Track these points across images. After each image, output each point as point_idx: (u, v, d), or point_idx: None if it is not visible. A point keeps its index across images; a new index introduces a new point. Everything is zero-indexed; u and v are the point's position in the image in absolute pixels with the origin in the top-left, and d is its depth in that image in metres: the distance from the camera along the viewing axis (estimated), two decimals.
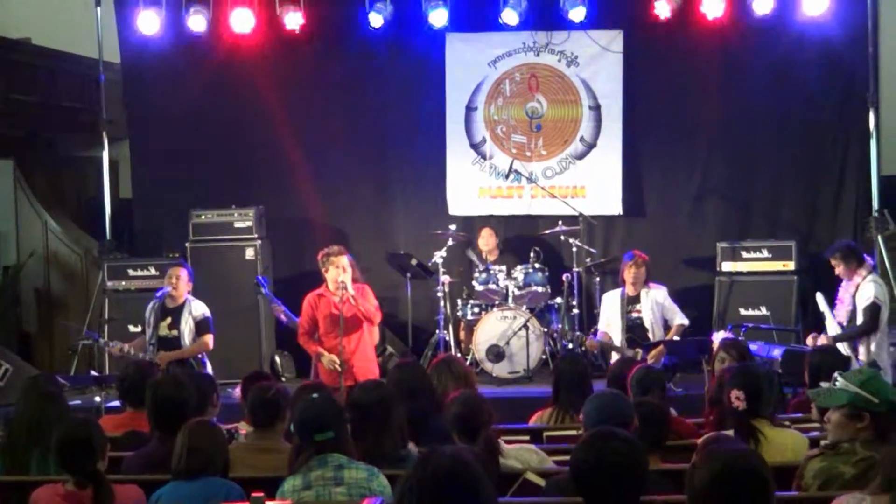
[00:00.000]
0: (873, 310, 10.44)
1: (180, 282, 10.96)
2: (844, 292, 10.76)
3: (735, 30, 13.71)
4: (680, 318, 11.72)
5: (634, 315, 11.65)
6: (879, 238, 12.61)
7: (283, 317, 11.60)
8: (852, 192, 13.89)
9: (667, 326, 11.74)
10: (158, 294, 11.04)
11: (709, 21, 13.41)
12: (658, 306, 11.67)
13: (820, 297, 10.94)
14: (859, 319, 10.52)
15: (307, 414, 5.54)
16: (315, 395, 5.71)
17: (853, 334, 10.45)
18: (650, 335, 11.56)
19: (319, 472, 5.39)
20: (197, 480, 5.59)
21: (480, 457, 5.72)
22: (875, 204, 13.08)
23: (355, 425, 5.81)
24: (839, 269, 10.75)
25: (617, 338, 11.59)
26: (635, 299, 11.69)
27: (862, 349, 10.50)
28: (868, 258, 11.10)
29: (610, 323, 11.76)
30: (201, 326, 10.96)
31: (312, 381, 9.62)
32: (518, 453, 6.24)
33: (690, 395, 10.30)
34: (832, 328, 10.72)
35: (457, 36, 14.35)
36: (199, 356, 10.98)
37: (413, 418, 6.78)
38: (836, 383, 5.27)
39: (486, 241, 13.76)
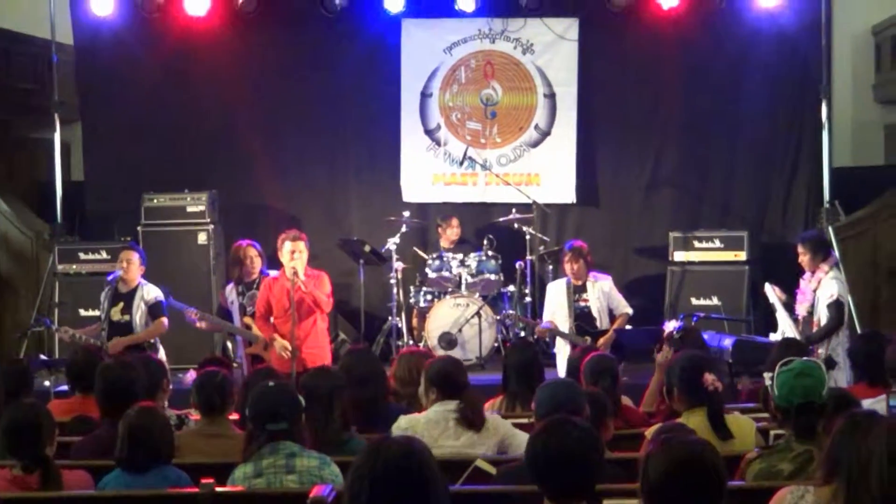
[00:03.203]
0: (838, 307, 10.36)
1: (131, 265, 10.83)
2: (806, 285, 10.69)
3: (690, 20, 13.78)
4: (624, 308, 11.75)
5: (582, 304, 11.65)
6: (830, 229, 12.70)
7: (195, 318, 11.15)
8: (804, 184, 14.02)
9: (612, 315, 11.77)
10: (110, 278, 10.95)
11: (664, 11, 13.50)
12: (605, 296, 11.69)
13: (769, 289, 10.90)
14: (822, 316, 10.45)
15: (261, 403, 5.53)
16: (271, 384, 5.69)
17: (822, 334, 10.37)
18: (598, 323, 11.60)
19: (271, 460, 5.39)
20: (147, 473, 5.56)
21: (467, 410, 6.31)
22: (826, 195, 13.19)
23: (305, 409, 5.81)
24: (804, 259, 10.61)
25: (563, 326, 11.61)
26: (581, 288, 11.69)
27: (821, 344, 10.47)
28: (833, 252, 11.09)
29: (555, 312, 11.73)
30: (155, 310, 10.83)
31: (264, 367, 9.58)
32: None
33: (640, 385, 10.31)
34: (783, 321, 10.70)
35: (413, 22, 14.33)
36: (153, 340, 10.89)
37: (363, 405, 6.81)
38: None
39: (455, 231, 13.74)
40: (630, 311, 11.75)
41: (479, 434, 6.27)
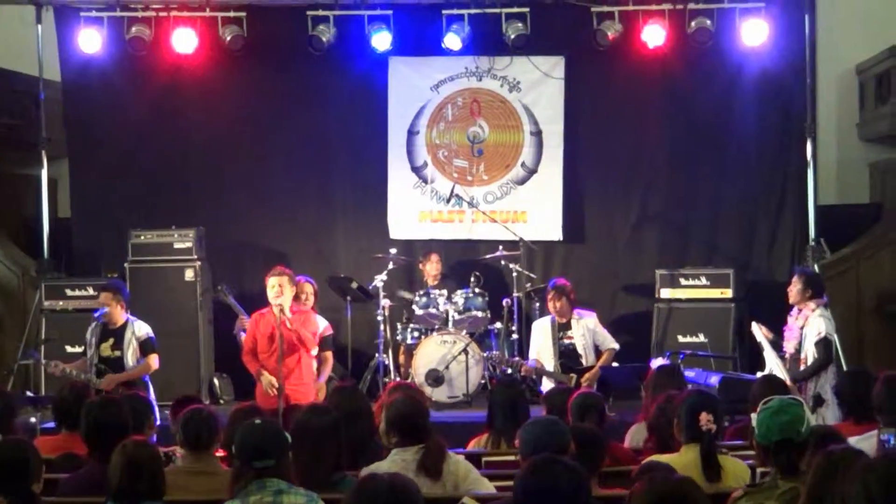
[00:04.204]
0: (826, 344, 10.33)
1: (108, 308, 10.75)
2: (793, 322, 10.66)
3: (676, 58, 13.81)
4: (610, 343, 11.84)
5: (566, 341, 11.73)
6: (816, 267, 12.73)
7: (241, 328, 11.41)
8: (790, 221, 14.05)
9: (598, 351, 11.82)
10: (97, 314, 10.92)
11: (650, 49, 13.49)
12: (590, 332, 11.77)
13: (755, 328, 10.88)
14: (809, 354, 10.42)
15: (248, 440, 5.49)
16: (258, 421, 5.67)
17: (810, 372, 10.34)
18: (583, 360, 11.65)
19: (258, 497, 5.36)
20: None
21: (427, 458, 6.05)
22: (812, 233, 13.24)
23: (295, 446, 5.76)
24: (793, 290, 10.56)
25: (549, 364, 11.66)
26: (566, 326, 11.78)
27: (810, 382, 10.44)
28: (824, 295, 11.05)
29: (540, 350, 11.81)
30: (146, 347, 10.79)
31: (248, 403, 9.57)
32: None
33: (627, 422, 10.32)
34: (770, 360, 10.68)
35: (400, 60, 14.37)
36: (144, 377, 10.85)
37: (351, 442, 6.78)
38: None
39: (435, 266, 13.76)
40: (616, 346, 11.82)
41: (436, 483, 6.16)
